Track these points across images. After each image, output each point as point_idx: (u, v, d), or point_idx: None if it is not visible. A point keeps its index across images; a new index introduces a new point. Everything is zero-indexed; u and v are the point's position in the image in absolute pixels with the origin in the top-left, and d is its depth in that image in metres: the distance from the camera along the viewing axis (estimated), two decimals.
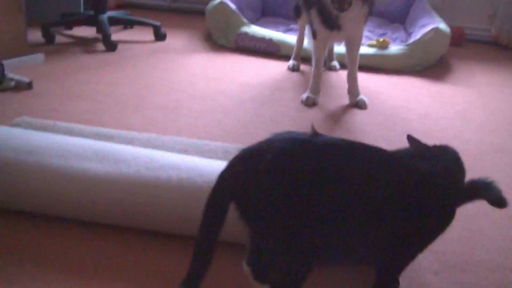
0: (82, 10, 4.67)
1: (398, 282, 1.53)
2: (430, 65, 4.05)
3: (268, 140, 1.32)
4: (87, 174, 1.70)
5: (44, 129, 2.34)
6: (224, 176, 1.32)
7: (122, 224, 1.73)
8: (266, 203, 1.23)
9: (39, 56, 3.46)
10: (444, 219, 1.41)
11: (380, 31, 4.68)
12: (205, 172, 1.71)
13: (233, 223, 1.31)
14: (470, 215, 1.99)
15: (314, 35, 3.10)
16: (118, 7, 5.44)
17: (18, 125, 2.37)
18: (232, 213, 1.29)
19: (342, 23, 2.90)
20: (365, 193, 1.27)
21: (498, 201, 1.36)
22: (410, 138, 1.58)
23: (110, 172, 1.71)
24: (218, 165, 1.70)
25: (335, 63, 3.88)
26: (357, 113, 2.95)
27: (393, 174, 1.33)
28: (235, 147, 2.33)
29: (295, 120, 2.75)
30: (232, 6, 4.26)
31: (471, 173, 1.49)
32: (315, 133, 1.35)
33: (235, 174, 1.29)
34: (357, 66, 3.16)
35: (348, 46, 3.15)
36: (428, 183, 1.36)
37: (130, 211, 1.69)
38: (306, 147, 1.28)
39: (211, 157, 2.22)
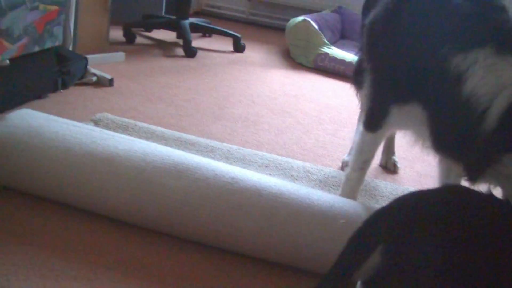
0: (163, 13, 4.69)
1: None
2: None
3: (436, 190, 1.26)
4: (163, 191, 1.61)
5: (125, 128, 2.33)
6: (381, 215, 1.24)
7: (196, 241, 1.66)
8: (431, 254, 1.15)
9: (120, 55, 3.46)
10: None
11: None
12: (288, 202, 1.60)
13: None
14: None
15: (370, 123, 1.81)
16: (195, 14, 5.46)
17: (99, 120, 2.37)
18: None
19: None
20: None
21: None
22: None
23: (188, 191, 1.61)
24: (301, 193, 1.63)
25: (395, 159, 2.54)
26: None
27: None
28: (316, 168, 2.27)
29: None
30: (315, 25, 4.21)
31: None
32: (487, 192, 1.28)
33: (398, 216, 1.22)
34: None
35: None
36: None
37: (206, 233, 1.61)
38: (481, 203, 1.22)
39: (292, 175, 2.17)
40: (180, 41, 4.01)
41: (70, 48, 2.97)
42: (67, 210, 1.69)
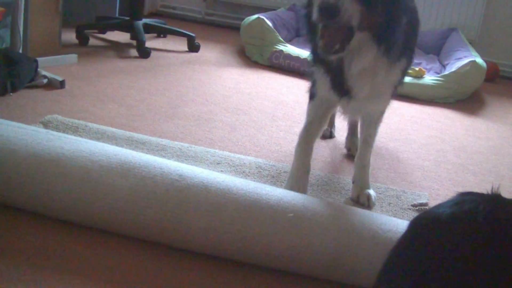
0: (117, 14, 4.66)
1: None
2: (463, 98, 3.99)
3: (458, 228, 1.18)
4: (109, 190, 1.60)
5: (75, 129, 2.31)
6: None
7: (144, 239, 1.65)
8: None
9: (72, 57, 3.43)
10: None
11: (415, 60, 4.62)
12: (236, 197, 1.59)
13: None
14: None
15: (311, 94, 2.11)
16: (151, 15, 5.44)
17: (49, 122, 2.34)
18: None
19: (352, 86, 1.86)
20: None
21: None
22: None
23: (135, 189, 1.59)
24: (250, 188, 1.63)
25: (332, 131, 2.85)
26: (391, 140, 2.89)
27: None
28: (268, 164, 2.28)
29: (327, 142, 2.71)
30: (269, 23, 4.23)
31: None
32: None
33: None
34: (371, 148, 2.18)
35: (363, 121, 2.19)
36: None
37: (153, 230, 1.60)
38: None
39: (244, 172, 2.17)
40: (134, 42, 3.98)
41: (20, 51, 2.94)
42: (11, 212, 1.67)
